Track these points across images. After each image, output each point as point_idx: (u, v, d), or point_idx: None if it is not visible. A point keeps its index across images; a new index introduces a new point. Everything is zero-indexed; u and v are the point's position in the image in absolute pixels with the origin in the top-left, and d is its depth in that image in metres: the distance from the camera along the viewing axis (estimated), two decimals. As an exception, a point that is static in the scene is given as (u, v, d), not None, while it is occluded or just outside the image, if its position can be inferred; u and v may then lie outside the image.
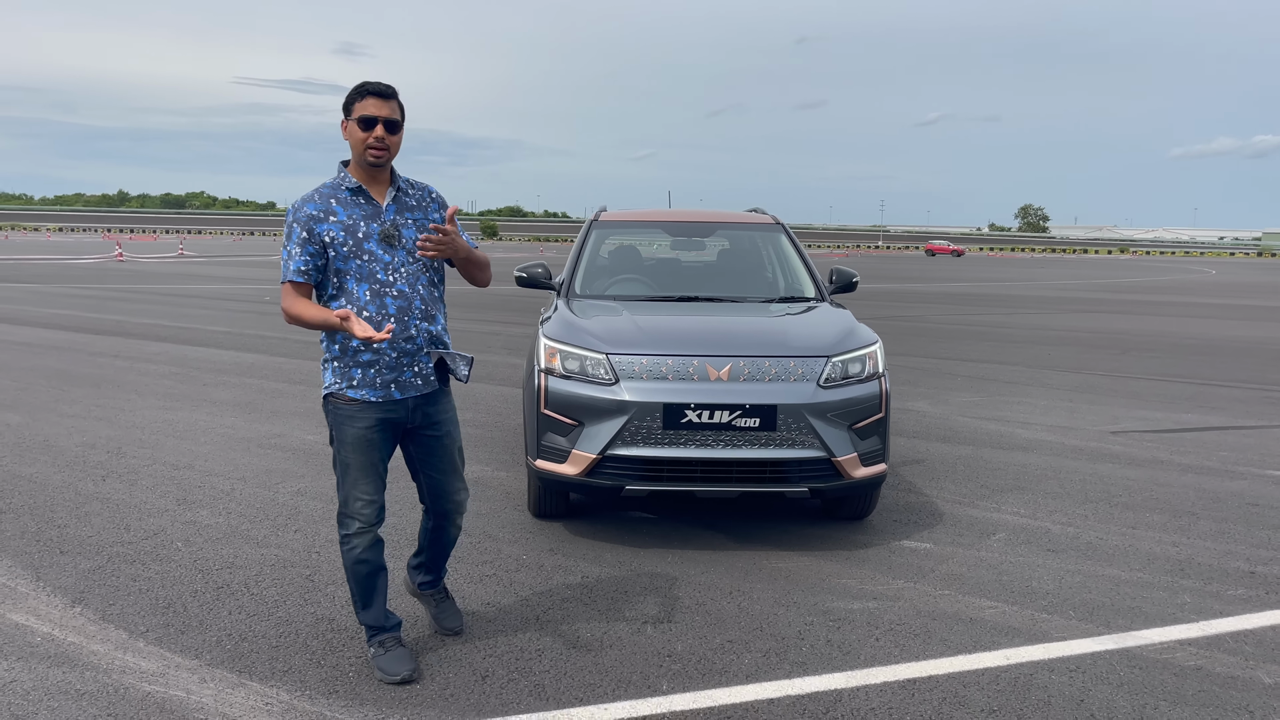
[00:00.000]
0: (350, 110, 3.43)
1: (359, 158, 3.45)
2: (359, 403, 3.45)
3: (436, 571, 3.98)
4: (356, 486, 3.48)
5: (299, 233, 3.40)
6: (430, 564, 3.95)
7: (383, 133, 3.40)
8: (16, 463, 6.42)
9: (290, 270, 3.41)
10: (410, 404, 3.53)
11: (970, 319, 19.72)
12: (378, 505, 3.53)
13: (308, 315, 3.36)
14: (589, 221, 6.80)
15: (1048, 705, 3.44)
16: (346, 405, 3.46)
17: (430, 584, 4.00)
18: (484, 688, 3.49)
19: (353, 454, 3.47)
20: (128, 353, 11.72)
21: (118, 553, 4.77)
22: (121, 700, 3.33)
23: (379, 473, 3.53)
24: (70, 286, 22.65)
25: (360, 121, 3.39)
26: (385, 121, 3.40)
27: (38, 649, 3.70)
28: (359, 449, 3.47)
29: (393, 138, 3.43)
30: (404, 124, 3.48)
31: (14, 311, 16.36)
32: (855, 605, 4.32)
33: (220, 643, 3.80)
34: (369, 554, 3.54)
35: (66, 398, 8.72)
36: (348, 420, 3.46)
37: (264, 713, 3.27)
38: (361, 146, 3.41)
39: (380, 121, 3.39)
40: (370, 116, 3.38)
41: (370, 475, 3.49)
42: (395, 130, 3.43)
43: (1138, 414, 9.13)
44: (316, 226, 3.41)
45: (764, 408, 4.75)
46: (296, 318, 3.38)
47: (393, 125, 3.42)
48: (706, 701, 3.41)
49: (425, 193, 3.63)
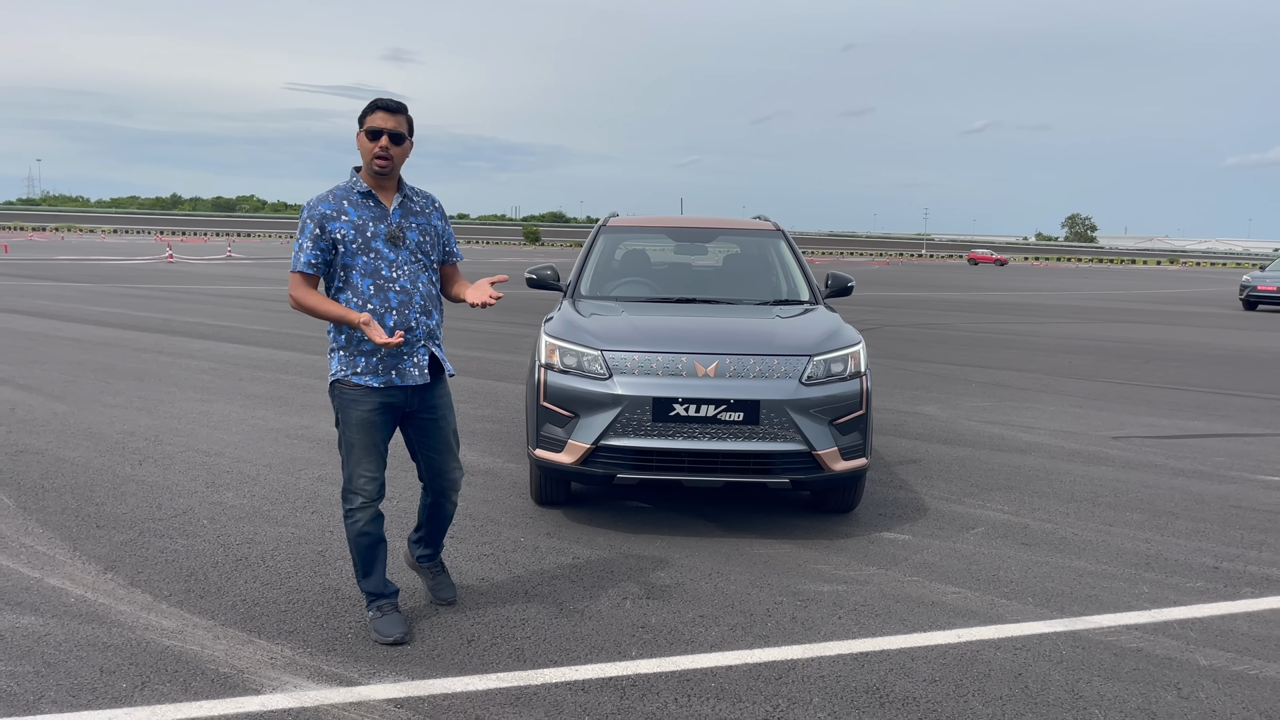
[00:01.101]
0: (362, 122, 3.77)
1: (368, 165, 3.80)
2: (363, 388, 3.79)
3: (434, 546, 4.29)
4: (360, 465, 3.82)
5: (312, 228, 3.75)
6: (429, 538, 4.27)
7: (388, 144, 3.73)
8: (61, 447, 6.88)
9: (301, 262, 3.76)
10: (410, 390, 3.87)
11: (1000, 327, 19.80)
12: (379, 482, 3.87)
13: (323, 308, 3.72)
14: (597, 227, 7.15)
15: (987, 677, 3.70)
16: (351, 390, 3.81)
17: (428, 558, 4.32)
18: (468, 650, 3.82)
19: (357, 434, 3.82)
20: (171, 349, 12.26)
21: (148, 528, 5.17)
22: (143, 652, 3.70)
23: (380, 452, 3.87)
24: (121, 286, 23.45)
25: (368, 132, 3.73)
26: (391, 134, 3.73)
27: (71, 608, 4.10)
28: (362, 430, 3.81)
29: (397, 149, 3.76)
30: (411, 137, 3.82)
31: (67, 309, 17.06)
32: (825, 588, 4.60)
33: (235, 607, 4.17)
34: (370, 527, 3.89)
35: (111, 389, 9.21)
36: (352, 404, 3.81)
37: (268, 665, 3.63)
38: (369, 155, 3.76)
39: (386, 133, 3.72)
40: (377, 128, 3.72)
41: (372, 454, 3.83)
42: (400, 142, 3.76)
43: (1144, 420, 9.28)
44: (329, 224, 3.75)
45: (747, 403, 5.05)
46: (310, 307, 3.75)
47: (397, 137, 3.74)
48: (670, 667, 3.71)
49: (429, 201, 3.99)
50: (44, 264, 32.76)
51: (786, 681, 3.62)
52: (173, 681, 3.48)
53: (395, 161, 3.79)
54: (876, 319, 20.80)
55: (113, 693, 3.38)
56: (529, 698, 3.45)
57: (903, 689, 3.58)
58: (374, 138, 3.73)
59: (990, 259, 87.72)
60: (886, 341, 16.08)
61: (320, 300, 3.76)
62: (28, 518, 5.27)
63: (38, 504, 5.52)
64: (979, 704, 3.49)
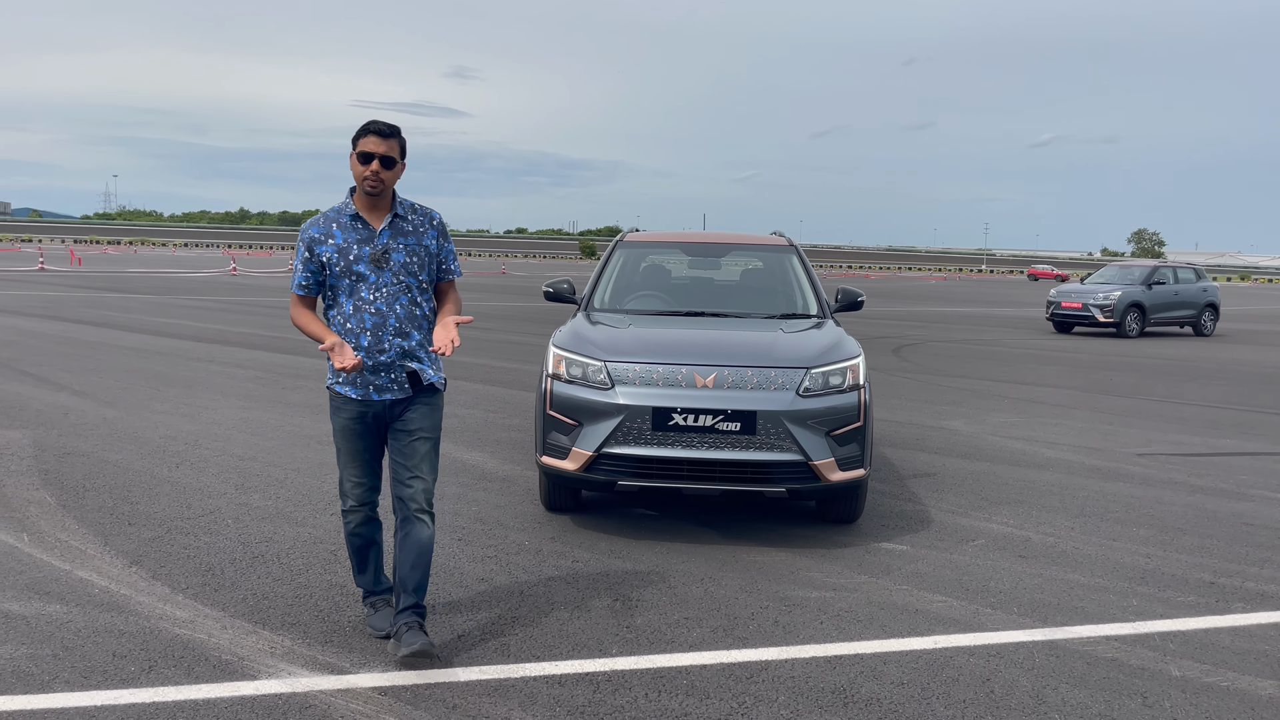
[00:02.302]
0: (355, 144, 3.87)
1: (360, 187, 3.88)
2: (343, 397, 3.98)
3: (408, 588, 3.87)
4: (347, 468, 4.04)
5: (303, 251, 3.93)
6: (404, 579, 3.87)
7: (378, 167, 3.82)
8: (106, 450, 7.25)
9: (295, 284, 3.97)
10: (388, 403, 3.95)
11: (1045, 343, 19.60)
12: (365, 488, 4.05)
13: (308, 328, 3.96)
14: (615, 241, 7.36)
15: (955, 681, 3.79)
16: (335, 398, 4.01)
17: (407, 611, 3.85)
18: (457, 644, 4.02)
19: (341, 440, 4.04)
20: (221, 358, 12.72)
21: (176, 526, 5.47)
22: (154, 639, 3.96)
23: (364, 460, 4.02)
24: (184, 298, 24.25)
25: (360, 156, 3.83)
26: (381, 158, 3.82)
27: (94, 598, 4.38)
28: (344, 436, 4.01)
29: (387, 172, 3.85)
30: (403, 160, 3.92)
31: (130, 320, 17.72)
32: (813, 594, 4.71)
33: (245, 600, 4.42)
34: (363, 529, 4.10)
35: (160, 396, 9.63)
36: (335, 411, 4.02)
37: (269, 654, 3.87)
38: (360, 178, 3.86)
39: (376, 158, 3.81)
40: (368, 153, 3.82)
41: (356, 460, 4.01)
42: (390, 166, 3.85)
43: (1173, 438, 9.20)
44: (317, 248, 3.91)
45: (744, 413, 5.20)
46: (299, 325, 4.00)
47: (388, 161, 3.84)
48: (646, 664, 3.87)
49: (426, 218, 4.03)
50: (114, 276, 33.91)
51: (756, 680, 3.76)
52: (178, 666, 3.73)
53: (386, 184, 3.88)
54: (921, 334, 20.72)
55: (121, 675, 3.64)
56: (506, 689, 3.63)
57: (869, 690, 3.70)
58: (365, 161, 3.81)
59: (1051, 274, 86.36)
60: (927, 357, 16.04)
61: (308, 320, 3.97)
62: (66, 515, 5.59)
63: (77, 502, 5.85)
64: (941, 706, 3.59)
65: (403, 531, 3.94)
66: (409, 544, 3.91)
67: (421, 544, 3.91)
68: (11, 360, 11.67)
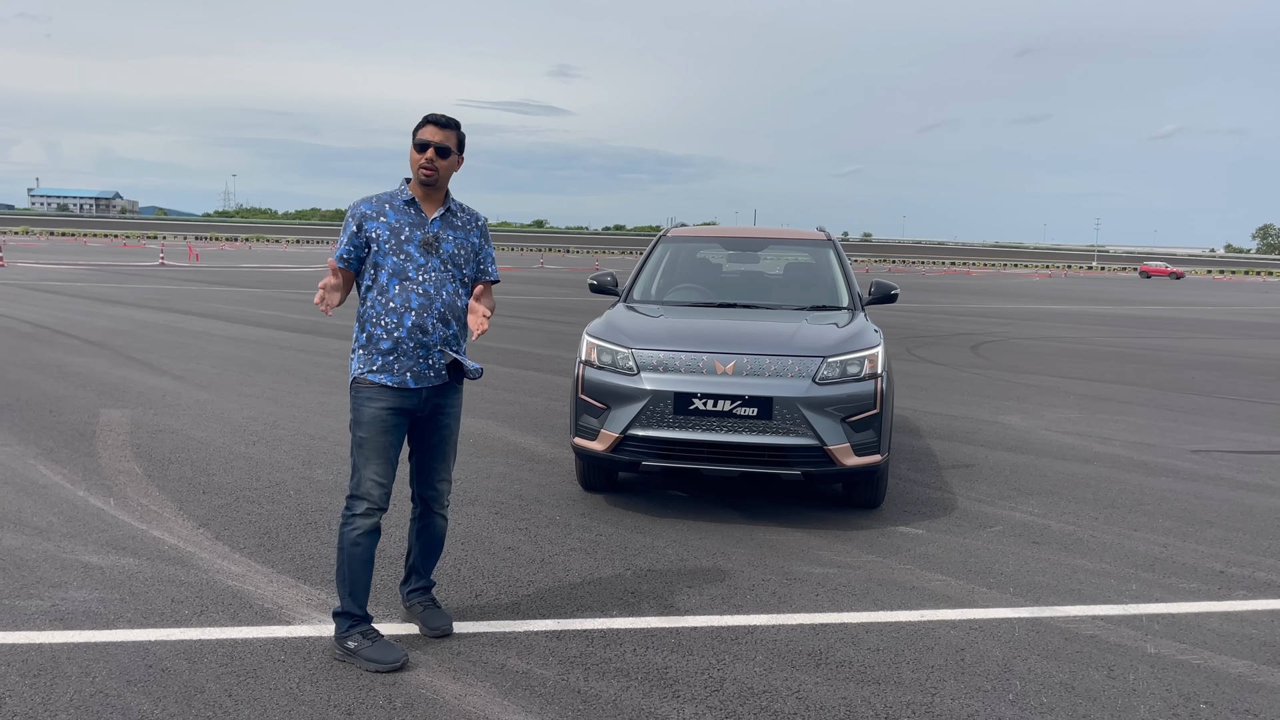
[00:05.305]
0: (414, 135, 4.06)
1: (416, 175, 4.06)
2: (378, 386, 3.91)
3: (424, 572, 4.22)
4: (369, 466, 3.89)
5: (351, 225, 4.08)
6: (419, 564, 4.20)
7: (433, 155, 3.99)
8: (194, 428, 7.90)
9: (336, 255, 4.07)
10: (424, 394, 3.97)
11: (1134, 342, 19.15)
12: (386, 490, 3.92)
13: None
14: (658, 236, 7.69)
15: (929, 650, 4.02)
16: (367, 388, 3.92)
17: (420, 590, 4.21)
18: (473, 602, 4.41)
19: (369, 433, 3.90)
20: (311, 347, 13.48)
21: (244, 495, 6.02)
22: (209, 589, 4.47)
23: (389, 457, 3.92)
24: (286, 291, 25.45)
25: (417, 145, 4.02)
26: (437, 147, 3.99)
27: (164, 554, 4.92)
28: (374, 428, 3.89)
29: (443, 162, 4.01)
30: (460, 154, 4.09)
31: (232, 311, 18.79)
32: (816, 570, 4.97)
33: (294, 559, 4.91)
34: (366, 539, 3.90)
35: (249, 381, 10.34)
36: (367, 401, 3.92)
37: (305, 604, 4.33)
38: (416, 166, 4.04)
39: (432, 146, 3.99)
40: (425, 141, 4.01)
41: (383, 457, 3.90)
42: (445, 155, 4.01)
43: (1236, 436, 9.07)
44: (367, 223, 4.04)
45: (761, 399, 5.47)
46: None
47: (443, 150, 4.00)
48: (640, 625, 4.20)
49: (473, 219, 4.21)
50: (227, 271, 35.69)
51: (740, 642, 4.05)
52: (225, 611, 4.22)
53: (441, 174, 3.96)
54: (1006, 331, 20.45)
55: (176, 617, 4.14)
56: (508, 641, 4.01)
57: (843, 654, 3.96)
58: (421, 149, 3.99)
59: (1165, 272, 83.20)
60: (1005, 354, 15.91)
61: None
62: (150, 483, 6.20)
63: (161, 472, 6.47)
64: (909, 671, 3.83)
65: (422, 523, 4.15)
66: (428, 535, 4.17)
67: (440, 536, 4.21)
68: (123, 348, 12.60)
